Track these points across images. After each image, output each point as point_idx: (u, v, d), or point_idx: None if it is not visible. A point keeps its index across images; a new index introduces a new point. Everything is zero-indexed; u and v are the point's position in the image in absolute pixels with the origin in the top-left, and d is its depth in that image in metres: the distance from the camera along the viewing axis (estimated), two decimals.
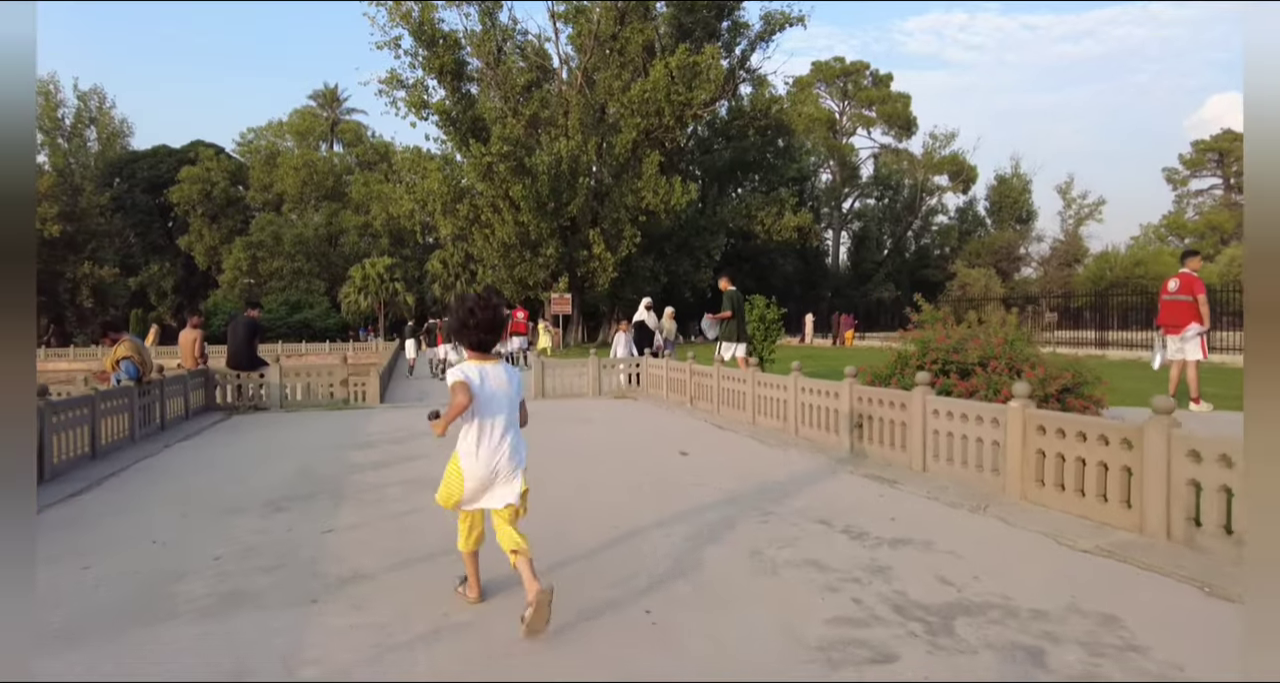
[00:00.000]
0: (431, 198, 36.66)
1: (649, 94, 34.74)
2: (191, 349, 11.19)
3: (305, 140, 62.35)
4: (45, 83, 60.45)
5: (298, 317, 50.43)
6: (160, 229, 59.61)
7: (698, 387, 10.83)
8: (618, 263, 36.13)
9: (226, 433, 9.21)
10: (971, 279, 52.51)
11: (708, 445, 7.89)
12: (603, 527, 4.81)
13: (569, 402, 12.09)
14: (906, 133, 66.13)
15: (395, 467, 6.79)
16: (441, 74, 35.13)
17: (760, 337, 17.25)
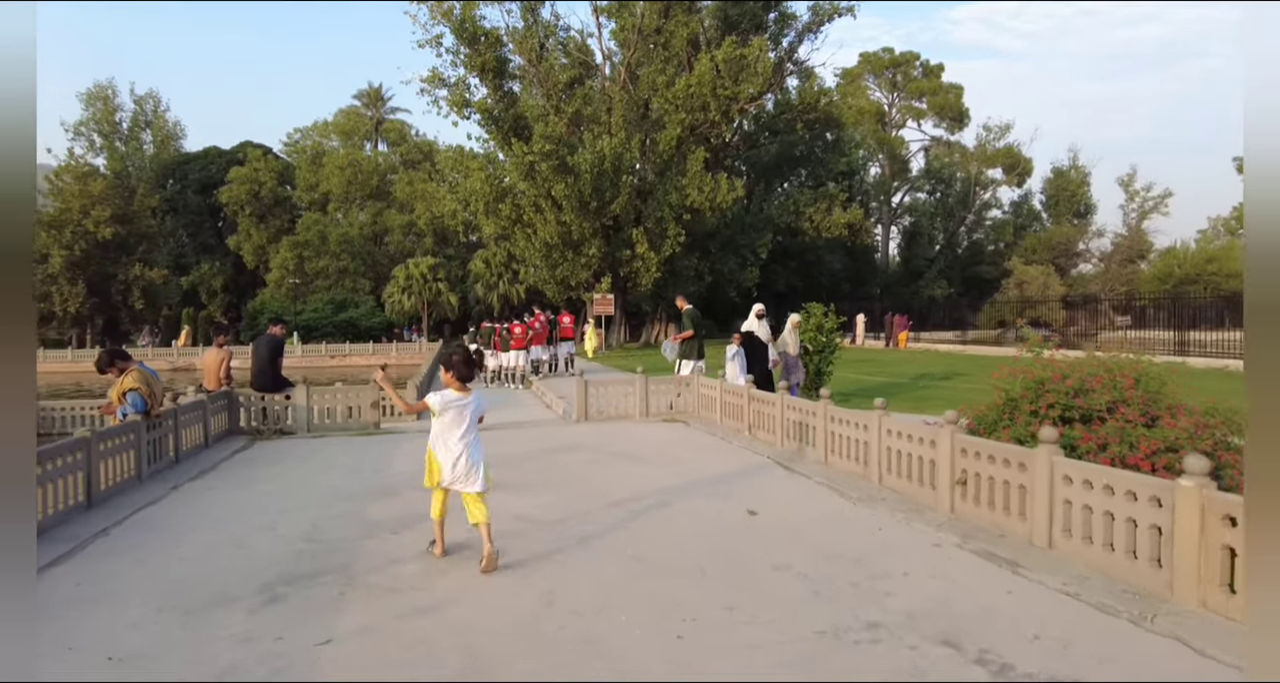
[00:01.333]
0: (474, 197, 36.03)
1: (694, 89, 33.56)
2: (217, 370, 10.46)
3: (350, 140, 62.46)
4: (104, 88, 61.54)
5: (343, 316, 50.43)
6: (211, 229, 60.28)
7: (758, 415, 9.72)
8: (661, 262, 35.07)
9: (243, 468, 8.40)
10: (1029, 277, 50.32)
11: (778, 497, 6.78)
12: (661, 637, 3.76)
13: (615, 426, 11.08)
14: (959, 125, 63.82)
15: (416, 529, 5.84)
16: (483, 72, 34.35)
17: (818, 348, 16.07)
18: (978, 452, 5.80)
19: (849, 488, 6.99)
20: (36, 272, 43.76)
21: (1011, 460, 5.44)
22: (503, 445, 9.48)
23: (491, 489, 5.09)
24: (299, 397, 10.63)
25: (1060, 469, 5.00)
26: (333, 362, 41.42)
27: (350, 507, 6.55)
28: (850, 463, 7.61)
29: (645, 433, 10.33)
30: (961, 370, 21.30)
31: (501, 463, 8.26)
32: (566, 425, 11.52)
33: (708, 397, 11.40)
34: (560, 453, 8.90)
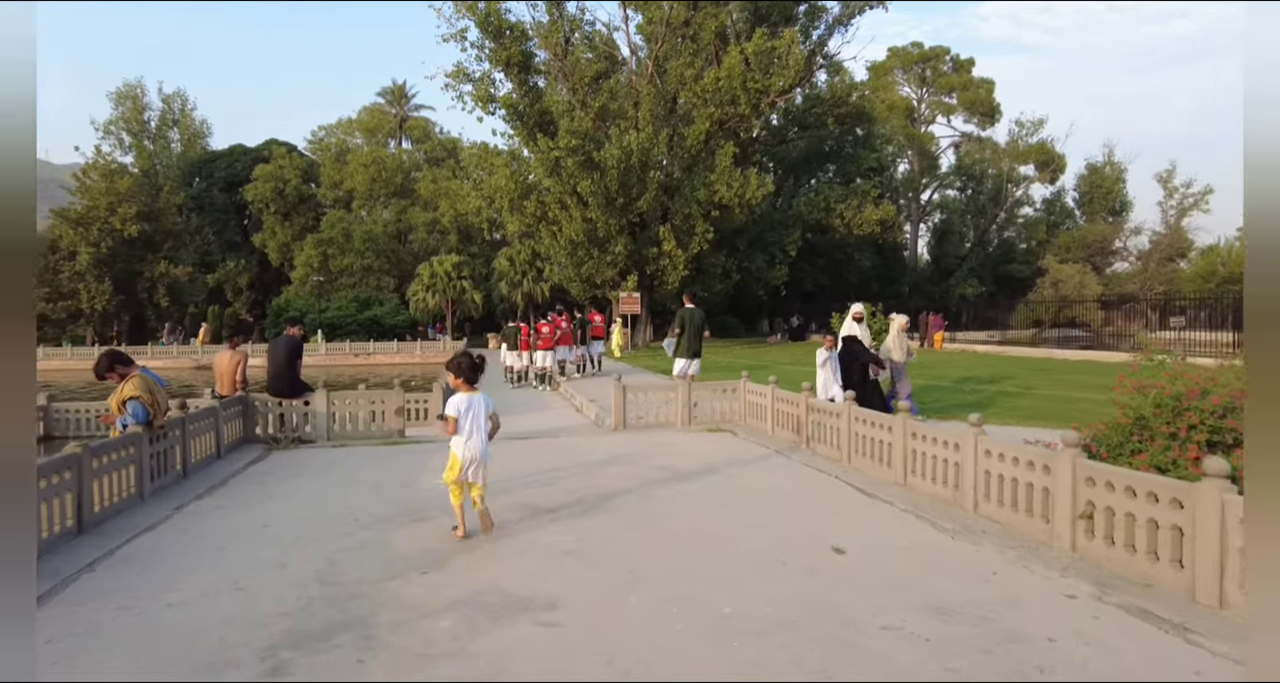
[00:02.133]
0: (499, 194, 35.29)
1: (723, 82, 32.56)
2: (232, 374, 9.71)
3: (374, 137, 62.04)
4: (133, 87, 61.65)
5: (367, 314, 49.92)
6: (236, 227, 60.13)
7: (817, 426, 8.78)
8: (688, 260, 34.15)
9: (255, 484, 7.60)
10: (1064, 275, 48.75)
11: (861, 528, 5.86)
12: None
13: (656, 436, 10.18)
14: (990, 121, 62.15)
15: (450, 566, 4.99)
16: (508, 66, 33.53)
17: None
18: (1110, 482, 4.84)
19: (939, 517, 6.05)
20: (64, 269, 43.69)
21: (1161, 495, 4.49)
22: (535, 458, 8.63)
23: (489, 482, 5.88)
24: (318, 402, 9.86)
25: (1234, 511, 4.05)
26: (357, 360, 40.88)
27: (372, 535, 5.71)
28: (936, 486, 6.67)
29: (691, 445, 9.43)
30: (1006, 373, 20.19)
31: (535, 480, 7.42)
32: (602, 434, 10.65)
33: (757, 404, 10.47)
34: (600, 468, 8.02)
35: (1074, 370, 21.03)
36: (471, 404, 5.55)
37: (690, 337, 12.14)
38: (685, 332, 12.08)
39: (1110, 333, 38.27)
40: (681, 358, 12.11)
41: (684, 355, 12.12)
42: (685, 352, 12.11)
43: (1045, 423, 10.23)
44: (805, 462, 8.31)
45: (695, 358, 12.24)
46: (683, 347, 12.07)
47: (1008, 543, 5.36)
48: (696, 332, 12.24)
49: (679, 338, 12.12)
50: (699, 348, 12.29)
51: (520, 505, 6.50)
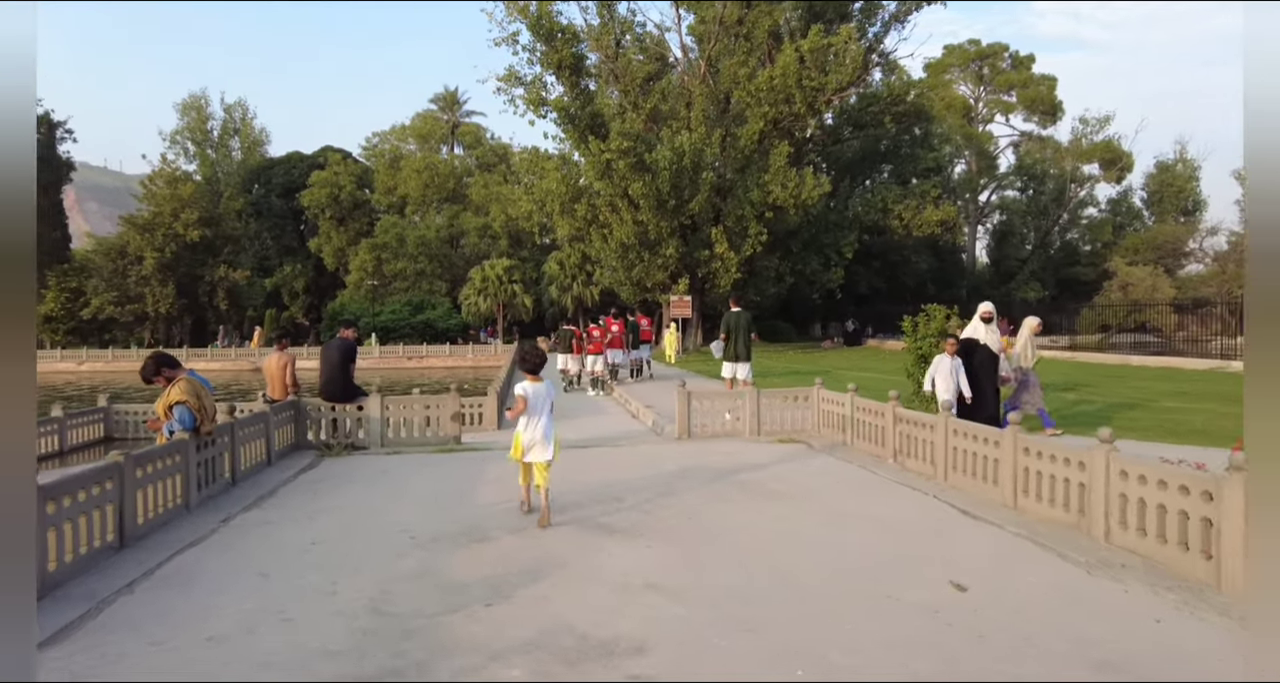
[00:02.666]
0: (549, 198, 34.98)
1: (778, 80, 31.69)
2: (281, 377, 9.34)
3: (427, 143, 62.68)
4: (197, 98, 63.53)
5: (420, 317, 50.29)
6: (293, 232, 61.27)
7: (907, 439, 8.00)
8: (741, 262, 33.32)
9: (305, 494, 7.15)
10: (1135, 278, 46.46)
11: (978, 559, 5.09)
12: None
13: (723, 446, 9.49)
14: (1051, 119, 59.92)
15: (515, 598, 4.39)
16: (560, 69, 33.19)
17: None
18: None
19: (1063, 545, 5.25)
20: (131, 273, 45.01)
21: None
22: (600, 470, 8.02)
23: (557, 460, 6.26)
24: (372, 407, 9.43)
25: None
26: (410, 363, 41.05)
27: (429, 558, 5.16)
28: (1054, 510, 5.86)
29: (764, 457, 8.71)
30: (1082, 380, 18.98)
31: (602, 495, 6.80)
32: (665, 443, 10.00)
33: (833, 414, 9.71)
34: (670, 483, 7.37)
35: (1154, 377, 19.65)
36: (538, 392, 6.09)
37: (736, 340, 12.12)
38: (732, 335, 12.07)
39: (1183, 338, 36.34)
40: (729, 361, 12.11)
41: (731, 359, 12.13)
42: (732, 355, 12.11)
43: (1160, 437, 9.28)
44: (895, 478, 7.54)
45: (743, 361, 12.15)
46: (730, 350, 12.06)
47: (1159, 582, 4.55)
48: (743, 335, 12.19)
49: (726, 341, 12.16)
50: (746, 351, 12.18)
51: (589, 525, 5.90)
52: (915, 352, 14.37)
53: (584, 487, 7.23)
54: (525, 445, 6.03)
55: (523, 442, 6.04)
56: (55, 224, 50.66)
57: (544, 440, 6.02)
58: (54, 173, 51.02)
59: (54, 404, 12.13)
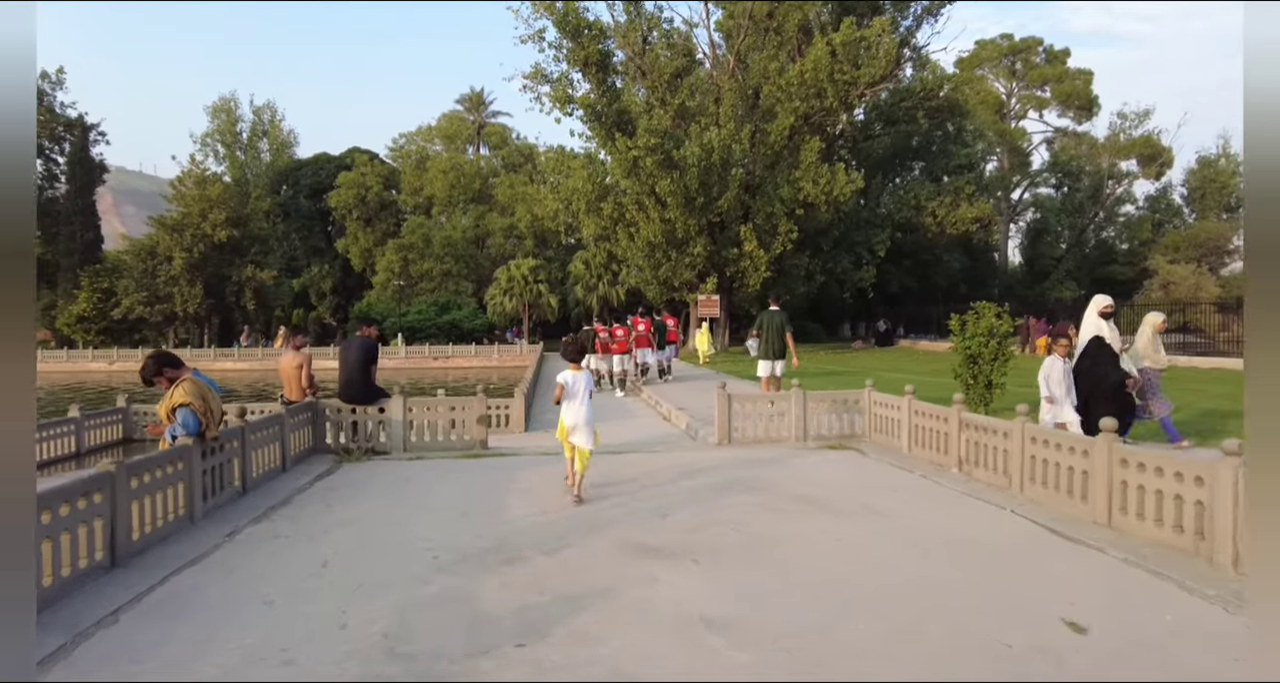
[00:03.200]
0: (575, 196, 34.43)
1: (809, 75, 30.87)
2: (296, 377, 8.79)
3: (453, 144, 62.48)
4: (227, 100, 63.93)
5: (446, 318, 50.01)
6: (320, 232, 61.37)
7: (975, 446, 7.24)
8: (770, 261, 32.52)
9: (320, 504, 6.56)
10: (1177, 277, 44.89)
11: (1083, 590, 4.35)
12: None
13: (769, 453, 8.79)
14: (1087, 114, 58.31)
15: (552, 635, 3.74)
16: (586, 66, 32.64)
17: (989, 357, 13.39)
18: None
19: (1184, 575, 4.50)
20: (160, 273, 45.28)
21: None
22: (636, 479, 7.36)
23: (598, 446, 6.87)
24: (394, 409, 8.85)
25: None
26: (436, 363, 40.71)
27: (454, 583, 4.53)
28: (1160, 530, 5.09)
29: (816, 466, 8.00)
30: None
31: (642, 510, 6.13)
32: (704, 449, 9.31)
33: (887, 418, 8.96)
34: (717, 496, 6.68)
35: (1208, 380, 18.55)
36: (576, 379, 6.67)
37: (769, 339, 12.27)
38: (765, 333, 12.29)
39: (1226, 339, 35.00)
40: (764, 360, 12.29)
41: (765, 356, 12.30)
42: (766, 353, 12.29)
43: None
44: (963, 490, 6.79)
45: (776, 359, 12.27)
46: (764, 348, 12.29)
47: None
48: (777, 334, 12.30)
49: (760, 340, 12.39)
50: (781, 349, 12.28)
51: (630, 544, 5.24)
52: (963, 352, 13.58)
53: (621, 498, 6.58)
54: (569, 427, 6.61)
55: (566, 424, 6.63)
56: (88, 225, 51.10)
57: (585, 426, 6.56)
58: (87, 175, 51.50)
59: (72, 405, 11.73)
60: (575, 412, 6.57)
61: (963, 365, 13.60)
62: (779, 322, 12.40)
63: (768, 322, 12.42)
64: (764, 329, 12.39)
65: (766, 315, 12.53)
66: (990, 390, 13.38)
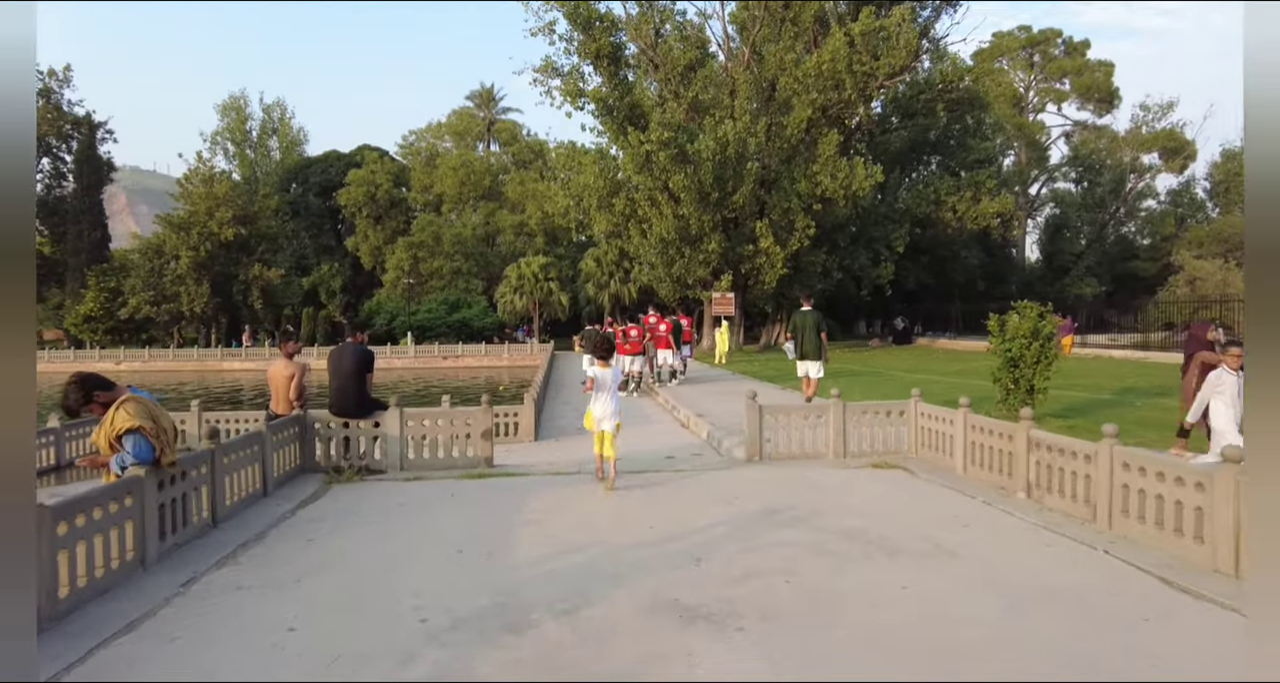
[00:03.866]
0: (587, 192, 33.51)
1: (826, 66, 29.80)
2: (286, 388, 7.92)
3: (463, 141, 61.69)
4: (237, 99, 63.39)
5: (456, 316, 49.26)
6: (330, 231, 60.74)
7: (1047, 469, 6.27)
8: (787, 258, 31.49)
9: (298, 540, 5.66)
10: (1204, 273, 43.55)
11: (1222, 660, 3.41)
12: None
13: (806, 473, 7.83)
14: (1107, 107, 56.97)
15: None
16: (597, 59, 31.69)
17: (1031, 360, 12.44)
18: None
19: None
20: (167, 272, 44.64)
21: None
22: (661, 510, 6.40)
23: (620, 430, 7.40)
24: (390, 423, 7.96)
25: None
26: (446, 362, 39.93)
27: (444, 660, 3.61)
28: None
29: (863, 489, 7.04)
30: (1170, 385, 16.88)
31: (672, 551, 5.17)
32: (734, 468, 8.34)
33: (936, 432, 8.00)
34: (758, 531, 5.73)
35: None
36: (605, 375, 7.22)
37: (803, 339, 12.10)
38: (798, 334, 12.11)
39: None
40: (800, 361, 12.14)
41: (800, 357, 12.13)
42: (800, 354, 12.13)
43: None
44: (1038, 521, 5.83)
45: (812, 359, 12.12)
46: (798, 349, 12.15)
47: None
48: (811, 333, 12.13)
49: (796, 342, 12.19)
50: (815, 349, 12.11)
51: (661, 604, 4.29)
52: (1003, 354, 12.62)
53: (647, 533, 5.65)
54: (597, 418, 7.20)
55: (595, 415, 7.22)
56: (95, 224, 50.61)
57: (611, 417, 7.17)
58: (95, 173, 50.98)
59: (51, 413, 10.89)
60: (604, 405, 7.20)
61: (1002, 369, 12.62)
62: (812, 321, 12.16)
63: (800, 322, 12.23)
64: (798, 330, 12.20)
65: (799, 316, 12.32)
66: (1032, 396, 12.42)
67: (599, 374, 7.21)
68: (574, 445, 11.42)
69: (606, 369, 7.24)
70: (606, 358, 7.29)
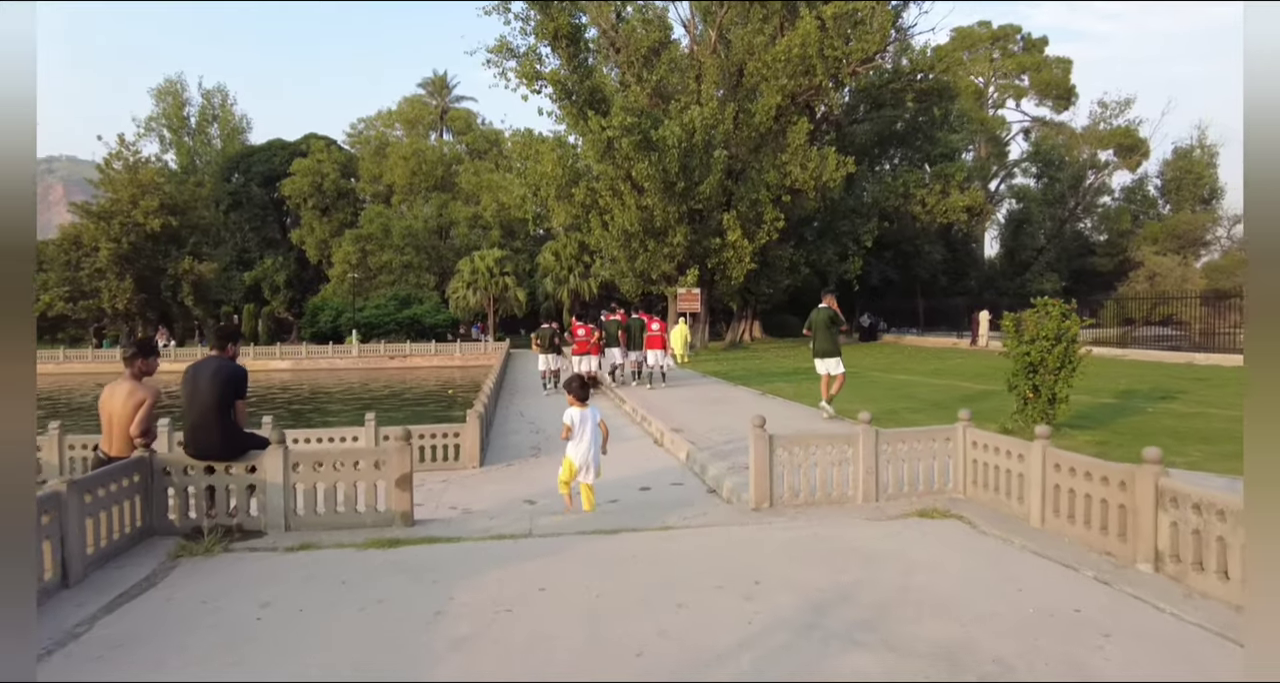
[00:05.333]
0: (544, 181, 31.21)
1: (796, 50, 27.99)
2: (126, 421, 5.62)
3: (414, 129, 58.56)
4: (173, 83, 59.28)
5: (406, 313, 46.36)
6: (274, 223, 57.13)
7: (1193, 537, 4.35)
8: (755, 251, 29.69)
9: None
10: (1164, 269, 43.15)
11: None
12: None
13: (838, 530, 5.80)
14: (1065, 103, 56.55)
15: None
16: (556, 39, 29.33)
17: (1053, 365, 10.75)
18: None
19: None
20: (85, 266, 40.67)
21: None
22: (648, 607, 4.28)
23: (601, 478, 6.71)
24: (270, 468, 5.71)
25: None
26: (392, 363, 37.17)
27: None
28: None
29: (925, 559, 5.01)
30: (1175, 387, 15.46)
31: None
32: (737, 518, 6.24)
33: (995, 468, 6.07)
34: (805, 657, 3.66)
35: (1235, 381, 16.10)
36: (583, 417, 6.42)
37: (818, 336, 11.85)
38: (813, 331, 11.94)
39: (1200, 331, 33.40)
40: (816, 359, 11.91)
41: (823, 356, 11.81)
42: (820, 351, 11.84)
43: None
44: (1200, 619, 3.91)
45: (821, 357, 11.82)
46: (814, 347, 11.95)
47: None
48: (824, 330, 11.82)
49: (815, 338, 11.94)
50: (829, 347, 11.74)
51: None
52: (1021, 359, 10.90)
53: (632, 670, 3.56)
54: (577, 467, 6.42)
55: (575, 464, 6.42)
56: None
57: (593, 464, 6.42)
58: None
59: None
60: (583, 452, 6.44)
61: (1019, 375, 10.91)
62: (824, 318, 11.77)
63: (816, 319, 11.89)
64: (813, 327, 11.91)
65: (816, 313, 12.00)
66: (1054, 406, 10.76)
67: (575, 418, 6.37)
68: (528, 474, 9.31)
69: (585, 410, 6.43)
70: (583, 399, 6.46)
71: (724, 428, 11.27)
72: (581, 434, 6.38)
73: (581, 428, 6.38)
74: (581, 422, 6.40)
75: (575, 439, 6.39)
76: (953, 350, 30.96)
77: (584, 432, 6.38)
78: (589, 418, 6.46)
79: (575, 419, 6.42)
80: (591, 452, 6.41)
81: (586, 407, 6.51)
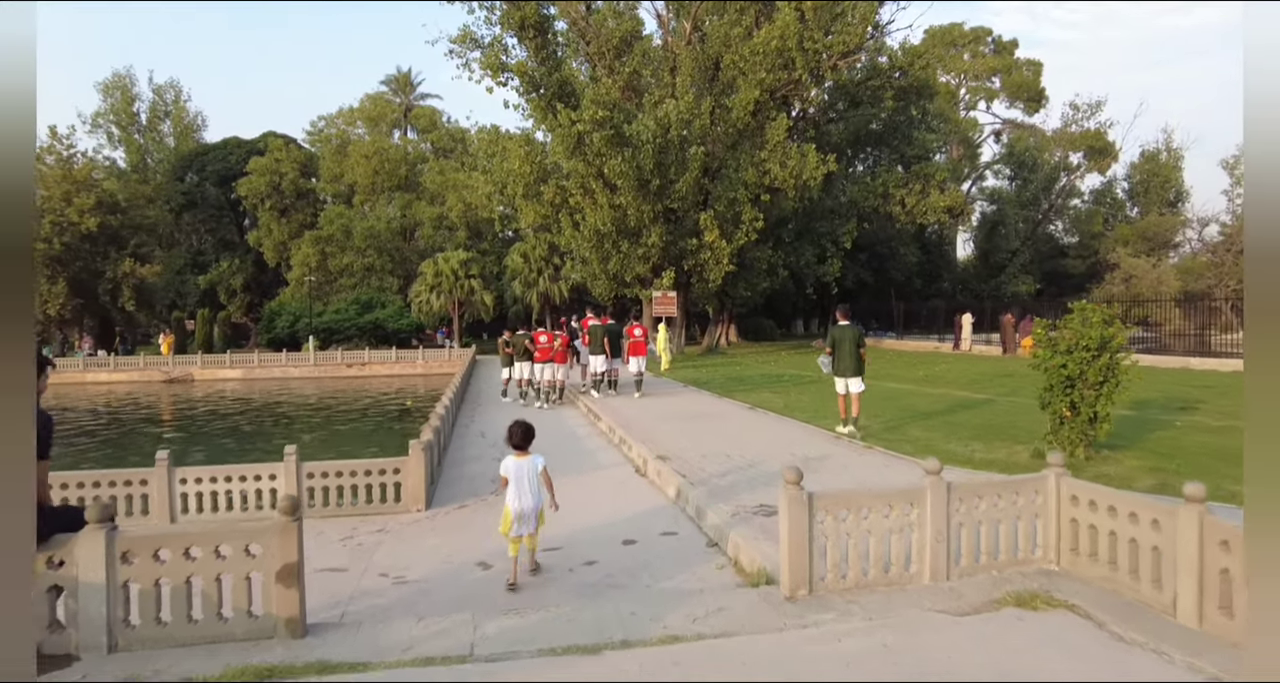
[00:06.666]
0: (512, 179, 29.32)
1: (775, 43, 26.47)
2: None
3: (377, 127, 55.97)
4: (122, 77, 56.09)
5: (368, 317, 43.95)
6: (231, 224, 54.23)
7: None
8: (734, 252, 28.11)
9: None
10: (1139, 271, 42.42)
11: None
12: None
13: (917, 636, 4.10)
14: (1036, 105, 55.98)
15: None
16: (523, 29, 27.41)
17: (1094, 379, 9.26)
18: None
19: None
20: None
21: None
22: None
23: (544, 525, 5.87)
24: (84, 560, 3.82)
25: None
26: (350, 371, 34.81)
27: None
28: None
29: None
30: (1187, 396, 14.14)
31: None
32: (764, 613, 4.51)
33: (1106, 532, 4.41)
34: None
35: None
36: (520, 468, 5.75)
37: (840, 354, 11.23)
38: (836, 349, 11.31)
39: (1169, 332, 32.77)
40: (838, 377, 11.31)
41: (839, 375, 11.29)
42: (839, 370, 11.26)
43: None
44: None
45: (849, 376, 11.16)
46: (836, 365, 11.34)
47: None
48: (849, 348, 11.20)
49: (833, 356, 11.36)
50: (853, 366, 11.15)
51: None
52: (1056, 372, 9.40)
53: None
54: (514, 518, 5.71)
55: (512, 515, 5.73)
56: None
57: (532, 515, 5.78)
58: None
59: None
60: (522, 501, 5.65)
61: (1053, 390, 9.41)
62: (851, 336, 11.22)
63: (839, 336, 11.36)
64: (836, 344, 11.30)
65: (837, 330, 11.50)
66: (1095, 426, 9.27)
67: (511, 470, 5.67)
68: (483, 519, 7.49)
69: (523, 460, 5.72)
70: (524, 447, 5.76)
71: (717, 455, 9.59)
72: (520, 489, 5.63)
73: (519, 481, 5.66)
74: (518, 474, 5.70)
75: (513, 493, 5.69)
76: (936, 355, 29.71)
77: (522, 486, 5.64)
78: (526, 469, 5.73)
79: (511, 472, 5.69)
80: (532, 503, 5.69)
81: (528, 455, 5.80)
